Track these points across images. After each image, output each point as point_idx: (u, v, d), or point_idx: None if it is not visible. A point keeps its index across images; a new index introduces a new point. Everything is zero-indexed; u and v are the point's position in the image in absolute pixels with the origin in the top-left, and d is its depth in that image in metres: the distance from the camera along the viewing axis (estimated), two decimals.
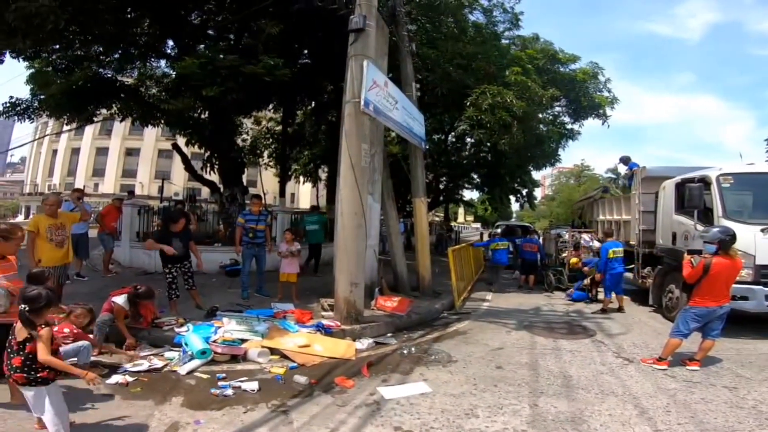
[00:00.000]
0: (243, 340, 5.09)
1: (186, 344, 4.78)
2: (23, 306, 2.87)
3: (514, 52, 12.45)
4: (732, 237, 4.82)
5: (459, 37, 10.79)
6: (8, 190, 62.84)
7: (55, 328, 4.02)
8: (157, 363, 4.48)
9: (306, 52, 11.14)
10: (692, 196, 6.93)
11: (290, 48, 9.72)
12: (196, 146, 11.07)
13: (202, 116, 10.70)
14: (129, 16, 8.97)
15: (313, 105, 13.96)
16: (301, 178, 21.71)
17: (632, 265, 9.42)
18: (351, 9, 6.35)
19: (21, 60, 9.68)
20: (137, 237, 10.43)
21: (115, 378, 4.05)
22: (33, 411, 2.91)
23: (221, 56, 8.12)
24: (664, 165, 12.96)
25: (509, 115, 9.72)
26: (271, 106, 14.30)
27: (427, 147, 9.65)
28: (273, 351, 5.00)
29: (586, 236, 11.74)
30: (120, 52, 10.43)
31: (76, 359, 4.15)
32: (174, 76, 9.42)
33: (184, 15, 9.47)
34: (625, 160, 10.91)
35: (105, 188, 37.82)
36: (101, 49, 10.26)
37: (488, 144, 12.54)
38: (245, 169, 13.03)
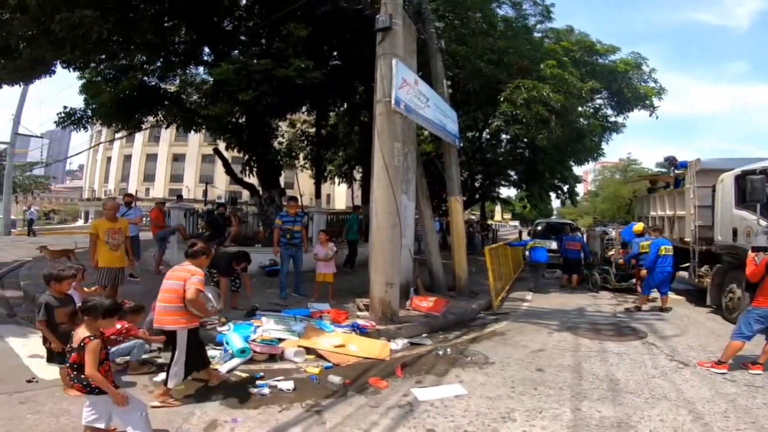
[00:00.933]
0: (280, 340, 5.17)
1: (227, 343, 4.90)
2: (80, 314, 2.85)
3: (548, 45, 12.03)
4: None
5: (488, 32, 10.61)
6: (68, 196, 67.65)
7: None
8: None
9: (335, 53, 11.26)
10: (754, 189, 6.43)
11: (320, 50, 9.86)
12: (235, 150, 11.42)
13: (240, 120, 11.02)
14: (166, 24, 9.34)
15: (345, 106, 14.09)
16: (336, 179, 21.96)
17: (687, 264, 8.90)
18: (376, 8, 6.31)
19: (72, 70, 10.36)
20: (180, 238, 10.87)
21: (162, 375, 4.19)
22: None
23: (254, 61, 8.31)
24: (719, 157, 12.05)
25: (546, 110, 9.40)
26: (304, 109, 14.55)
27: (461, 144, 9.47)
28: (309, 350, 5.05)
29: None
30: (161, 60, 10.94)
31: (129, 357, 4.37)
32: (212, 82, 9.76)
33: (217, 22, 9.78)
34: (671, 161, 10.29)
35: (155, 193, 39.87)
36: (144, 58, 10.81)
37: (525, 140, 12.18)
38: (282, 172, 13.34)
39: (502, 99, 9.73)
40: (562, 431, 3.26)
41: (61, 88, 16.80)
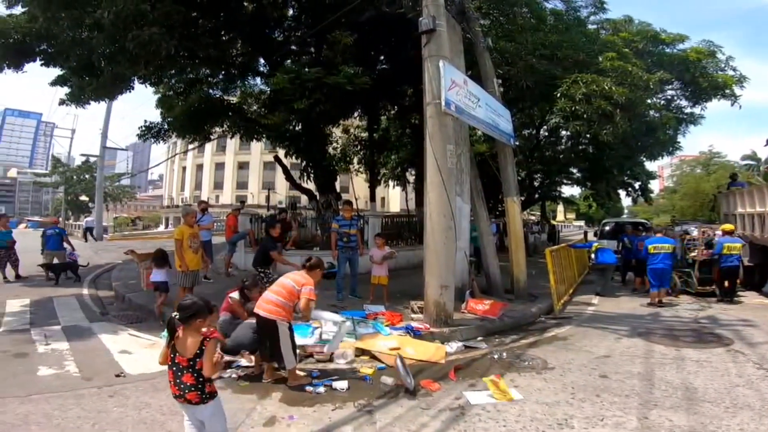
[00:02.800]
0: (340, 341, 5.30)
1: None
2: (174, 314, 2.64)
3: (605, 37, 11.37)
4: None
5: (537, 27, 10.21)
6: (151, 203, 74.24)
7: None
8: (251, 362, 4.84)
9: (382, 58, 11.39)
10: None
11: (367, 56, 10.06)
12: (293, 157, 11.93)
13: (296, 128, 11.49)
14: (223, 38, 9.98)
15: (395, 109, 14.21)
16: (390, 182, 22.11)
17: None
18: (418, 11, 6.30)
19: (147, 86, 11.49)
20: (248, 243, 11.51)
21: (229, 372, 4.48)
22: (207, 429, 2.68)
23: (306, 69, 8.64)
24: None
25: (609, 104, 8.82)
26: (356, 114, 14.86)
27: (517, 143, 9.17)
28: (364, 352, 5.13)
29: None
30: (223, 73, 11.75)
31: None
32: (269, 92, 10.28)
33: (269, 33, 10.26)
34: None
35: (224, 199, 42.64)
36: (208, 71, 11.65)
37: (587, 136, 11.53)
38: (337, 176, 13.72)
39: (558, 95, 9.28)
40: None
41: (140, 103, 18.58)
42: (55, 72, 10.13)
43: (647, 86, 9.79)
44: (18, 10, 8.77)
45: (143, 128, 12.63)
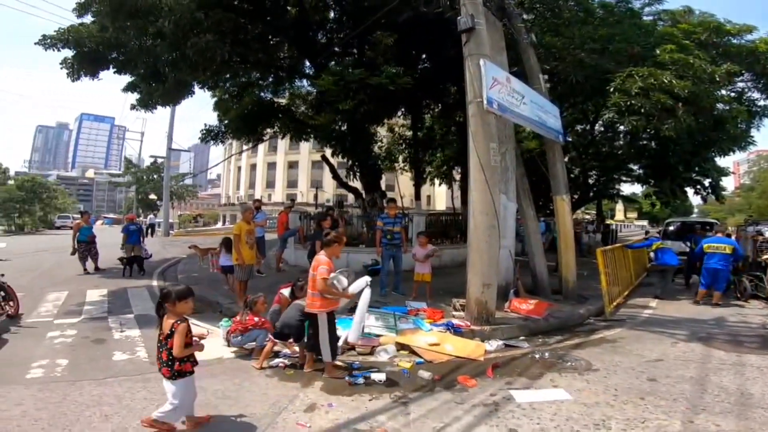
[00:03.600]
0: (379, 335, 5.46)
1: None
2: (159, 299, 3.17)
3: (662, 29, 10.67)
4: None
5: (585, 20, 9.71)
6: (210, 202, 78.90)
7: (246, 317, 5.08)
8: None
9: (424, 57, 11.39)
10: None
11: (408, 55, 10.13)
12: (340, 156, 12.26)
13: (342, 128, 11.79)
14: (271, 42, 10.44)
15: (439, 107, 14.14)
16: (436, 180, 22.00)
17: None
18: (457, 10, 6.25)
19: (206, 90, 12.32)
20: (298, 239, 12.00)
21: (277, 361, 4.73)
22: (170, 398, 3.12)
23: (350, 70, 8.86)
24: None
25: (669, 98, 8.28)
26: (400, 113, 14.96)
27: (568, 140, 8.85)
28: (404, 347, 5.23)
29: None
30: (272, 76, 12.29)
31: (254, 343, 5.03)
32: (315, 93, 10.63)
33: (312, 36, 10.60)
34: None
35: (276, 198, 44.37)
36: (258, 74, 12.24)
37: (648, 131, 10.85)
38: (382, 175, 13.90)
39: (612, 89, 8.84)
40: None
41: (199, 107, 19.95)
42: (126, 79, 11.14)
43: (712, 79, 9.10)
44: (88, 18, 9.56)
45: (204, 131, 13.53)
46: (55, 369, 4.39)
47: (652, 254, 10.31)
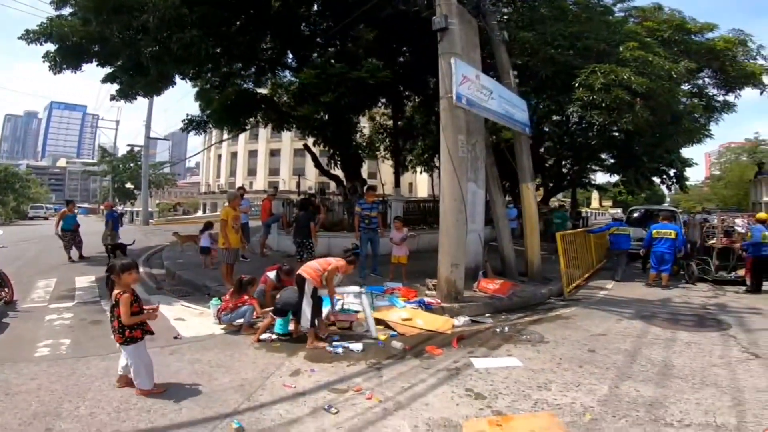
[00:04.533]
0: (357, 311, 5.98)
1: None
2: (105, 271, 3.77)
3: (628, 27, 11.29)
4: None
5: (559, 17, 10.26)
6: (189, 190, 77.74)
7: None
8: (292, 326, 5.58)
9: (405, 50, 11.75)
10: None
11: (389, 49, 10.48)
12: (321, 145, 12.61)
13: (324, 119, 12.14)
14: (254, 34, 10.62)
15: (420, 99, 14.55)
16: (418, 168, 22.54)
17: None
18: (433, 9, 6.69)
19: (187, 81, 12.39)
20: (281, 225, 12.37)
21: (265, 336, 5.19)
22: (129, 365, 3.56)
23: (332, 62, 9.21)
24: None
25: (628, 93, 8.92)
26: (381, 104, 15.31)
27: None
28: (380, 321, 5.77)
29: (739, 221, 10.08)
30: (255, 67, 12.44)
31: (242, 319, 5.49)
32: (297, 84, 10.91)
33: (296, 29, 10.84)
34: None
35: (257, 185, 44.19)
36: (241, 65, 12.40)
37: (606, 125, 11.51)
38: (363, 163, 14.34)
39: (576, 85, 9.44)
40: (591, 404, 3.48)
41: (180, 96, 19.90)
42: (105, 70, 11.16)
43: (670, 75, 9.75)
44: (66, 10, 9.64)
45: (186, 121, 13.65)
46: (59, 348, 4.77)
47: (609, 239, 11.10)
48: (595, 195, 61.78)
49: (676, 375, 4.13)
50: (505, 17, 11.52)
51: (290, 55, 12.68)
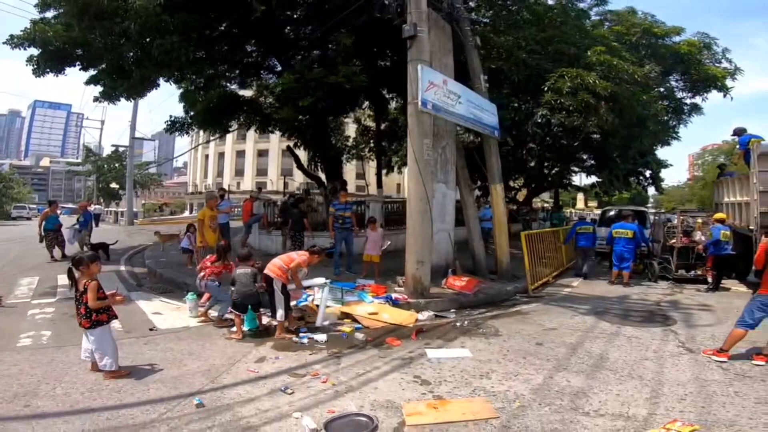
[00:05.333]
0: (327, 306, 6.32)
1: None
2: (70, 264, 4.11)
3: (597, 31, 11.79)
4: None
5: (532, 21, 10.66)
6: (176, 190, 77.22)
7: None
8: (264, 320, 5.89)
9: (388, 53, 12.07)
10: None
11: (369, 53, 10.78)
12: (301, 148, 12.91)
13: (304, 121, 12.44)
14: (236, 39, 10.87)
15: (402, 101, 14.89)
16: (404, 169, 22.87)
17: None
18: (404, 18, 7.04)
19: (171, 83, 12.61)
20: (261, 225, 12.64)
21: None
22: (94, 350, 3.89)
23: (312, 67, 9.52)
24: None
25: (592, 96, 9.38)
26: (365, 106, 15.63)
27: (500, 136, 9.82)
28: (348, 315, 6.12)
29: (699, 235, 10.59)
30: (238, 70, 12.69)
31: (217, 313, 5.84)
32: (279, 89, 11.21)
33: (279, 33, 11.08)
34: (738, 133, 9.54)
35: (245, 185, 44.18)
36: (225, 67, 12.65)
37: (574, 127, 11.87)
38: (346, 164, 14.66)
39: (546, 89, 9.89)
40: (523, 392, 3.79)
41: (166, 96, 20.04)
42: (88, 72, 11.33)
43: (634, 79, 10.21)
44: (50, 13, 9.79)
45: (169, 123, 13.84)
46: (41, 339, 5.07)
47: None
48: (580, 196, 62.84)
49: (608, 367, 4.40)
50: (486, 19, 11.93)
51: (274, 59, 12.95)
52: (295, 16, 11.69)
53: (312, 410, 3.31)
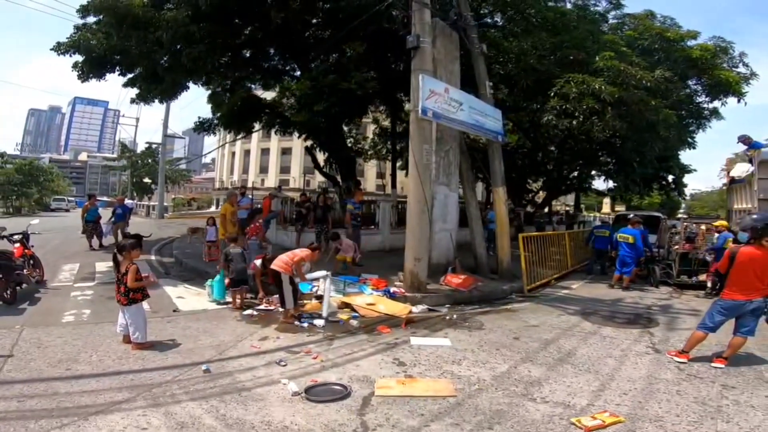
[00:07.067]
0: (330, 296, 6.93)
1: None
2: (115, 250, 4.89)
3: (606, 36, 11.86)
4: (766, 225, 4.64)
5: (544, 26, 10.89)
6: (204, 186, 79.92)
7: None
8: (271, 307, 6.57)
9: (404, 57, 12.58)
10: None
11: (383, 58, 11.30)
12: (317, 149, 13.63)
13: (321, 124, 13.12)
14: (258, 46, 11.63)
15: None
16: None
17: None
18: (410, 28, 7.52)
19: (200, 86, 13.56)
20: (278, 221, 13.37)
21: (247, 312, 6.26)
22: (129, 324, 4.56)
23: (329, 75, 10.16)
24: None
25: (597, 102, 9.59)
26: (382, 108, 16.21)
27: (505, 140, 10.15)
28: (347, 305, 6.70)
29: (703, 227, 10.70)
30: (262, 74, 13.54)
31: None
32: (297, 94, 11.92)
33: (299, 38, 11.73)
34: (744, 140, 9.59)
35: (269, 182, 45.43)
36: (250, 70, 13.50)
37: (576, 132, 11.92)
38: (364, 165, 15.26)
39: (552, 94, 10.16)
40: (485, 377, 4.16)
41: (198, 95, 21.25)
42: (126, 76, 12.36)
43: (640, 84, 10.26)
44: (90, 18, 10.84)
45: (197, 123, 14.87)
46: (82, 316, 5.95)
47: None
48: (606, 200, 61.62)
49: (571, 362, 4.65)
50: (498, 21, 12.22)
51: (294, 64, 13.69)
52: (314, 21, 12.36)
53: (298, 379, 3.92)
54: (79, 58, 10.61)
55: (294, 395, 3.58)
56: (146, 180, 39.64)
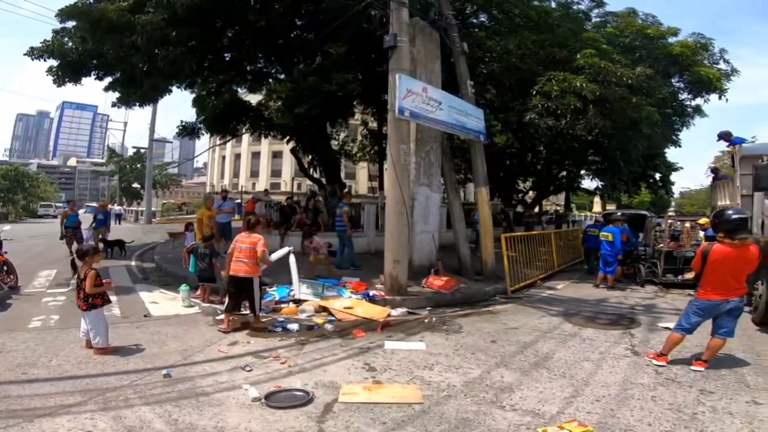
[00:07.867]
0: (305, 300, 6.84)
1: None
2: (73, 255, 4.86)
3: (587, 34, 11.88)
4: (738, 222, 4.51)
5: (526, 25, 10.90)
6: (195, 190, 79.54)
7: None
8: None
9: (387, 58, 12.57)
10: (761, 176, 6.28)
11: (367, 60, 11.22)
12: (300, 152, 13.54)
13: (303, 127, 13.02)
14: (239, 49, 11.53)
15: None
16: None
17: None
18: (387, 30, 7.43)
19: (183, 90, 13.44)
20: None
21: (220, 317, 6.05)
22: (89, 330, 4.48)
23: (309, 77, 10.07)
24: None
25: (578, 100, 9.58)
26: (369, 109, 16.16)
27: (487, 140, 10.10)
28: (325, 309, 6.59)
29: (688, 225, 10.71)
30: (246, 76, 13.40)
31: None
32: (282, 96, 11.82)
33: (282, 40, 11.67)
34: (724, 136, 9.60)
35: (260, 186, 45.17)
36: (233, 74, 13.36)
37: (559, 130, 11.89)
38: (355, 167, 15.20)
39: (534, 92, 10.14)
40: (456, 383, 4.01)
41: (186, 97, 21.09)
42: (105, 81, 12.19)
43: (621, 82, 10.25)
44: (70, 24, 10.54)
45: (180, 127, 14.72)
46: (49, 321, 5.85)
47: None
48: (596, 200, 62.04)
49: (547, 366, 4.50)
50: (483, 23, 12.21)
51: (278, 66, 13.59)
52: (298, 22, 12.28)
53: (262, 384, 3.81)
54: (54, 62, 10.44)
55: (254, 401, 3.48)
56: (135, 185, 39.24)
